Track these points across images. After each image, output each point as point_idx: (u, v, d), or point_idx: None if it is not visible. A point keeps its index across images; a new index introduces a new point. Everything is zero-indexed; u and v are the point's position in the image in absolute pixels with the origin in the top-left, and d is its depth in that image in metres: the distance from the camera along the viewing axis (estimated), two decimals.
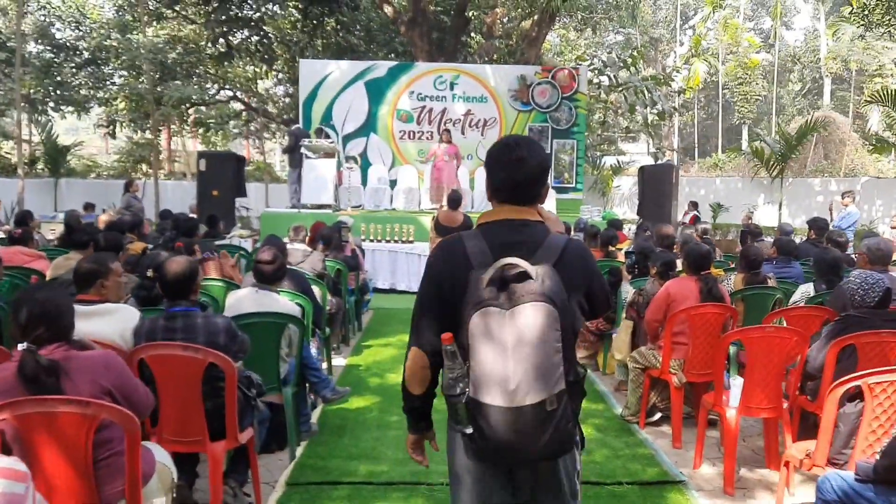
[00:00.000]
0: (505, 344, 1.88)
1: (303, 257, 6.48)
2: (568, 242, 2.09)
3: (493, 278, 1.91)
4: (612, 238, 7.70)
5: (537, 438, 1.92)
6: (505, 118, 15.57)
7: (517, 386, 1.87)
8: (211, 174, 12.30)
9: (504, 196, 2.13)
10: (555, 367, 1.90)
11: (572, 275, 2.02)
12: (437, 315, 2.08)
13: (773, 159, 17.32)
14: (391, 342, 7.72)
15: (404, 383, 2.20)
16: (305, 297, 4.97)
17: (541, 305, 1.89)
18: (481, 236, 2.08)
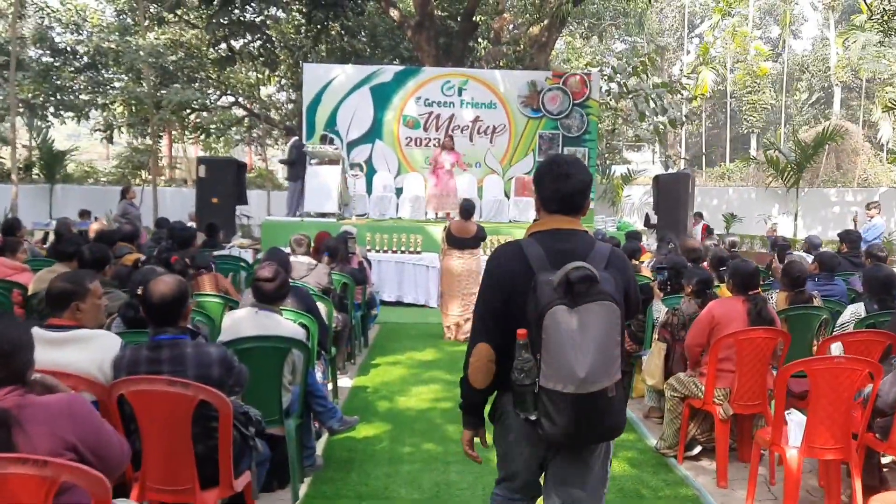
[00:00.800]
0: (575, 338, 2.12)
1: (307, 271, 6.03)
2: (612, 250, 2.38)
3: (562, 280, 2.15)
4: (634, 251, 7.24)
5: (601, 422, 2.20)
6: (514, 125, 15.13)
7: (586, 375, 2.11)
8: (210, 181, 11.85)
9: (554, 207, 2.40)
10: (616, 359, 2.18)
11: (619, 279, 2.29)
12: (500, 313, 2.32)
13: (788, 169, 16.87)
14: (400, 360, 7.25)
15: (466, 379, 2.39)
16: (310, 317, 4.52)
17: (607, 304, 2.16)
18: (537, 244, 2.34)
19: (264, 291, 3.77)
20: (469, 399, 2.44)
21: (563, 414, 2.15)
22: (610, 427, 2.26)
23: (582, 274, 2.13)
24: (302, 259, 6.11)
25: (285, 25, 23.40)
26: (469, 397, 2.44)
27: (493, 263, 2.42)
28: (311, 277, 6.01)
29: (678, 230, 12.56)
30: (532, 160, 15.15)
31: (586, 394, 2.13)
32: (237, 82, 22.71)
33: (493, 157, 15.02)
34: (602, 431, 2.27)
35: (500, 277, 2.36)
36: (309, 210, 12.63)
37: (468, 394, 2.42)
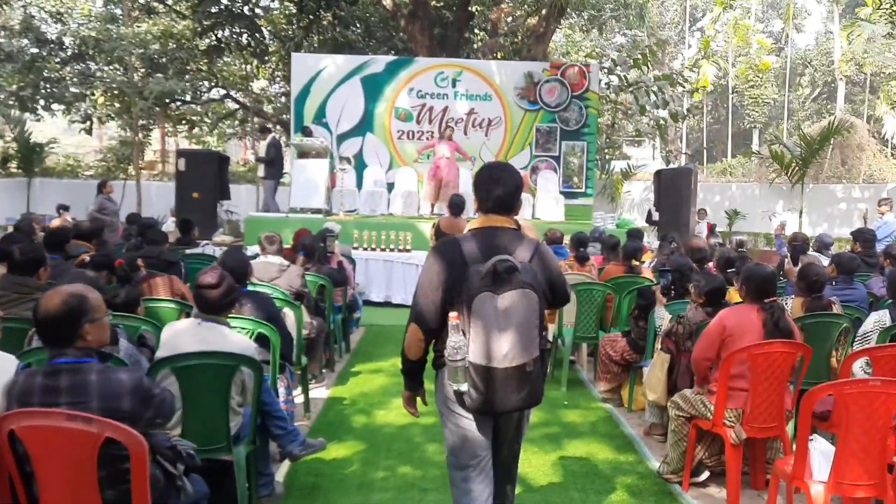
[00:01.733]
0: (499, 320, 2.47)
1: (278, 273, 5.52)
2: (538, 246, 2.72)
3: (489, 270, 2.48)
4: (636, 251, 6.74)
5: (518, 392, 2.53)
6: (510, 118, 14.60)
7: (507, 352, 2.47)
8: (191, 174, 11.34)
9: (489, 207, 2.74)
10: (534, 338, 2.53)
11: (542, 270, 2.66)
12: (434, 300, 2.63)
13: (793, 164, 16.32)
14: (383, 367, 6.75)
15: (403, 351, 2.79)
16: (270, 327, 4.01)
17: (527, 292, 2.51)
18: (472, 239, 2.67)
19: (207, 300, 3.26)
20: (407, 367, 2.85)
21: (487, 385, 2.51)
22: (528, 397, 2.59)
23: (506, 265, 2.49)
24: (272, 259, 5.60)
25: (276, 15, 22.86)
26: (407, 365, 2.84)
27: (433, 255, 2.73)
28: (283, 280, 5.51)
29: (680, 227, 12.07)
30: (529, 154, 14.64)
31: (507, 368, 2.49)
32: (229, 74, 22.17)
33: (489, 151, 14.50)
34: (521, 401, 2.59)
35: (439, 268, 2.66)
36: (295, 205, 12.12)
37: (406, 363, 2.83)
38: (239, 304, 4.03)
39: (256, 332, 3.98)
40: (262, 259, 5.62)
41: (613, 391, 5.76)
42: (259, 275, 5.51)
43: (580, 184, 14.85)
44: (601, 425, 5.23)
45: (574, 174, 14.81)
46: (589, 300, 6.14)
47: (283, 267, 5.56)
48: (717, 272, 6.07)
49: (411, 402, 2.96)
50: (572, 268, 6.73)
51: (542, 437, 4.96)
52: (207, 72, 23.21)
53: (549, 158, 14.67)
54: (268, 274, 5.51)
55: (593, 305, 6.16)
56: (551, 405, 5.66)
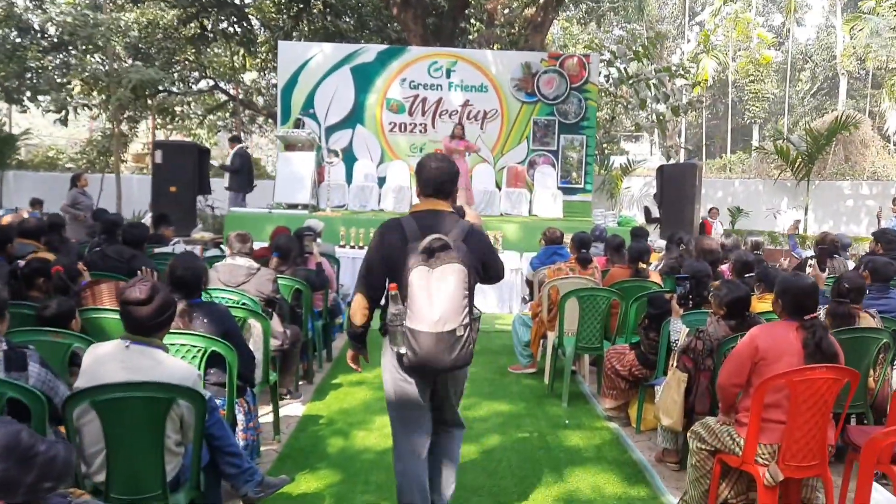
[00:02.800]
0: (432, 291, 2.83)
1: (246, 276, 4.94)
2: (470, 227, 3.07)
3: (424, 247, 2.85)
4: (642, 252, 6.17)
5: (449, 354, 2.88)
6: (507, 110, 14.02)
7: (439, 318, 2.83)
8: (168, 167, 10.72)
9: (428, 192, 3.13)
10: (463, 307, 2.88)
11: (474, 249, 3.02)
12: (378, 272, 3.04)
13: (798, 160, 15.81)
14: (366, 378, 6.15)
15: (349, 318, 3.18)
16: (226, 344, 3.43)
17: (457, 266, 2.87)
18: (413, 220, 3.03)
19: (136, 318, 2.67)
20: (353, 331, 3.19)
21: (421, 347, 2.82)
22: (459, 358, 2.89)
23: (439, 244, 2.82)
24: (240, 262, 5.01)
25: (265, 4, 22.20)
26: (353, 329, 3.18)
27: (378, 234, 3.06)
28: (252, 285, 4.92)
29: (684, 226, 11.52)
30: (526, 148, 14.07)
31: (439, 332, 2.80)
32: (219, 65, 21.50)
33: (484, 144, 13.92)
34: (452, 361, 2.88)
35: (382, 244, 3.00)
36: (280, 200, 11.54)
37: (352, 327, 3.17)
38: (189, 318, 3.46)
39: (209, 350, 3.40)
40: (229, 261, 5.04)
41: (620, 409, 5.19)
42: (225, 279, 4.94)
43: (579, 179, 14.28)
44: (608, 449, 4.66)
45: (573, 169, 14.24)
46: (592, 307, 5.58)
47: (252, 270, 4.97)
48: (733, 277, 5.52)
49: (355, 360, 3.34)
50: (574, 271, 6.16)
51: (543, 463, 4.39)
52: (195, 62, 22.60)
53: (547, 152, 14.11)
54: (235, 278, 4.93)
55: (597, 313, 5.59)
56: (552, 424, 5.10)
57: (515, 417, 5.29)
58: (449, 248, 2.86)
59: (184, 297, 3.48)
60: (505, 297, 9.80)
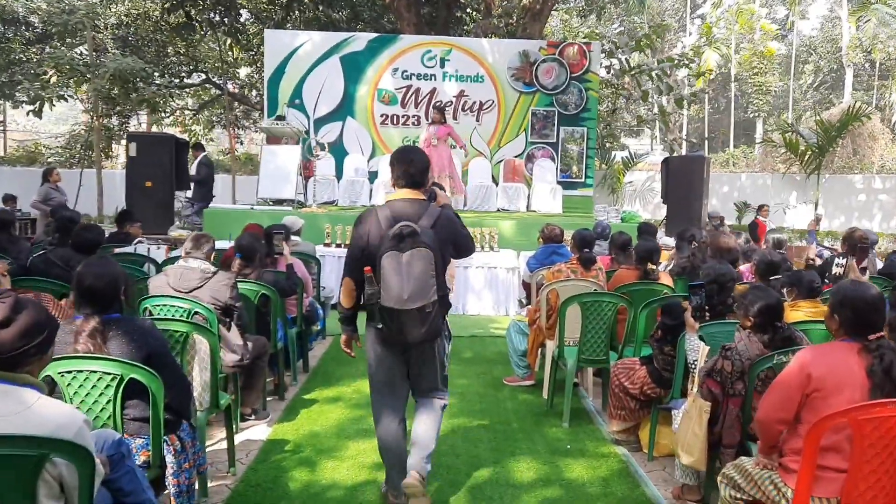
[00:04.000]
0: (402, 273, 3.14)
1: (200, 281, 4.28)
2: (440, 214, 3.35)
3: (395, 234, 3.16)
4: (652, 252, 5.51)
5: (420, 328, 3.22)
6: (504, 101, 13.37)
7: (409, 297, 3.14)
8: (143, 161, 10.06)
9: (402, 183, 3.41)
10: (430, 287, 3.19)
11: (443, 233, 3.33)
12: (359, 257, 3.32)
13: (808, 152, 15.14)
14: (344, 394, 5.53)
15: (339, 301, 3.50)
16: (146, 370, 2.78)
17: (424, 251, 3.16)
18: (387, 209, 3.32)
19: None
20: (343, 314, 3.51)
21: (395, 322, 3.21)
22: (428, 332, 3.27)
23: (409, 230, 3.15)
24: (193, 264, 4.35)
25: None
26: (343, 313, 3.50)
27: (356, 222, 3.44)
28: (206, 291, 4.27)
29: (692, 221, 10.87)
30: (524, 141, 13.42)
31: (409, 309, 3.16)
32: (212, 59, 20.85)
33: (480, 137, 13.29)
34: (423, 335, 3.26)
35: (359, 232, 3.38)
36: (264, 196, 10.89)
37: (342, 310, 3.51)
38: (102, 339, 2.80)
39: (127, 378, 2.75)
40: (181, 264, 4.38)
41: (629, 431, 4.53)
42: (175, 284, 4.29)
43: (579, 173, 13.64)
44: (616, 483, 4.00)
45: (573, 162, 13.60)
46: (597, 315, 4.92)
47: (206, 274, 4.32)
48: (757, 280, 4.87)
49: (348, 344, 3.57)
50: (576, 272, 5.50)
51: (540, 501, 3.74)
52: (186, 55, 21.93)
53: (546, 145, 13.47)
54: (186, 283, 4.27)
55: (602, 321, 4.94)
56: (551, 450, 4.45)
57: (510, 440, 4.64)
58: (417, 234, 3.16)
59: (96, 313, 2.82)
60: (501, 299, 9.15)
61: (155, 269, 6.08)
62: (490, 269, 9.13)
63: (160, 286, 4.33)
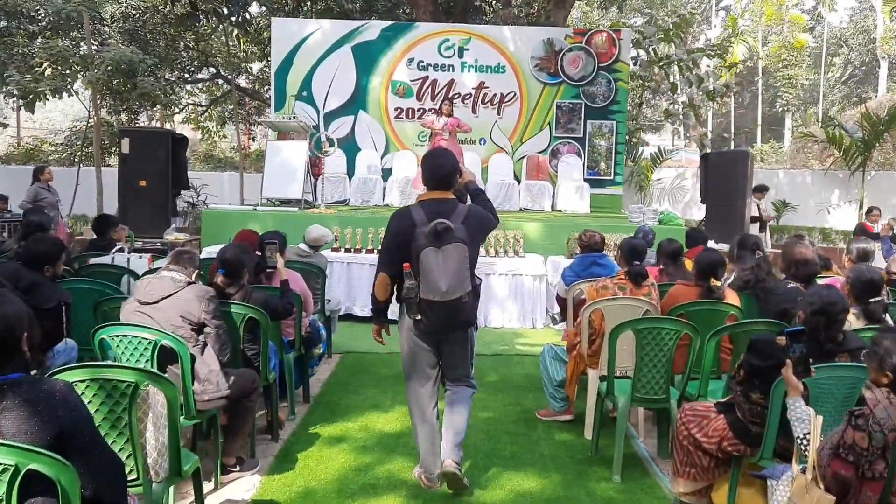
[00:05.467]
0: (441, 267, 3.33)
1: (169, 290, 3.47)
2: (468, 210, 3.61)
3: (431, 231, 3.35)
4: (716, 265, 4.60)
5: (457, 317, 3.46)
6: (527, 92, 12.48)
7: (447, 289, 3.33)
8: (137, 159, 9.28)
9: (432, 185, 3.65)
10: (466, 279, 3.40)
11: (473, 227, 3.56)
12: (394, 253, 3.54)
13: (853, 148, 14.15)
14: (349, 432, 4.68)
15: (373, 294, 3.67)
16: (54, 459, 1.93)
17: (459, 245, 3.37)
18: (420, 208, 3.57)
19: None
20: (376, 306, 3.72)
21: (434, 313, 3.40)
22: (464, 321, 3.53)
23: (444, 227, 3.34)
24: (165, 274, 3.54)
25: None
26: (376, 305, 3.72)
27: (391, 221, 3.66)
28: (174, 302, 3.47)
29: (734, 222, 9.98)
30: (549, 135, 12.53)
31: (448, 300, 3.35)
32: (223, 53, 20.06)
33: (501, 131, 12.41)
34: (459, 323, 3.53)
35: (395, 230, 3.60)
36: (268, 196, 10.09)
37: (375, 302, 3.70)
38: None
39: (25, 469, 1.91)
40: (154, 275, 3.57)
41: (700, 493, 3.63)
42: (141, 296, 3.50)
43: (608, 170, 12.73)
44: None
45: (601, 158, 12.70)
46: (655, 345, 4.04)
47: (178, 283, 3.50)
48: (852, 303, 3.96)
49: (379, 333, 3.81)
50: (624, 289, 4.62)
51: None
52: (196, 49, 21.19)
53: (572, 140, 12.57)
54: (152, 293, 3.48)
55: (661, 353, 4.05)
56: None
57: (547, 499, 3.79)
58: (451, 230, 3.36)
59: None
60: (527, 310, 8.26)
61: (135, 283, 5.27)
62: (515, 277, 8.25)
63: (128, 311, 3.54)
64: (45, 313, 3.90)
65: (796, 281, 4.68)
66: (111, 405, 2.59)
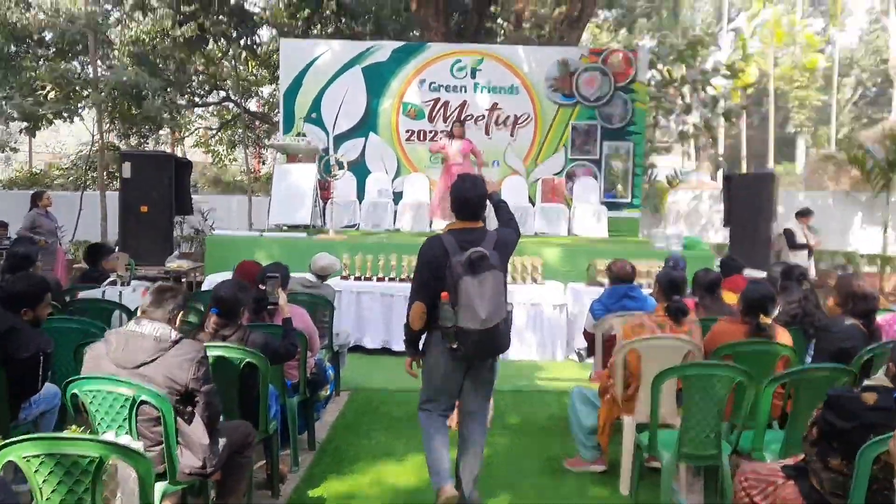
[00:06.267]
0: (479, 295, 3.36)
1: (153, 353, 3.04)
2: (497, 236, 3.63)
3: (467, 259, 3.38)
4: (766, 301, 4.16)
5: (494, 344, 3.52)
6: (541, 114, 12.09)
7: (486, 316, 3.37)
8: (139, 183, 8.90)
9: (461, 215, 3.66)
10: (503, 305, 3.50)
11: (503, 253, 3.62)
12: (427, 283, 3.54)
13: (877, 169, 13.72)
14: (360, 486, 4.24)
15: (408, 325, 3.65)
16: None
17: (495, 272, 3.44)
18: (451, 237, 3.58)
19: None
20: (409, 337, 3.71)
21: (472, 341, 3.40)
22: (500, 346, 3.59)
23: (479, 255, 3.39)
24: (145, 328, 3.10)
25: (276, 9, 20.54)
26: (409, 335, 3.70)
27: (423, 250, 3.65)
28: (159, 368, 3.02)
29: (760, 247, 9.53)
30: (564, 157, 12.13)
31: (487, 328, 3.38)
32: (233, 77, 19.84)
33: (515, 153, 12.02)
34: (496, 349, 3.59)
35: (428, 259, 3.58)
36: (276, 221, 9.70)
37: (409, 333, 3.69)
38: None
39: None
40: (129, 329, 3.13)
41: None
42: (118, 358, 3.06)
43: (625, 192, 12.29)
44: None
45: (618, 181, 12.27)
46: (706, 394, 3.59)
47: (162, 344, 3.07)
48: None
49: (411, 365, 3.78)
50: (663, 327, 4.18)
51: None
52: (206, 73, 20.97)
53: (589, 162, 12.16)
54: (132, 356, 3.03)
55: (712, 403, 3.60)
56: None
57: None
58: (487, 257, 3.42)
59: None
60: (546, 342, 7.81)
61: (127, 320, 4.86)
62: (534, 307, 7.80)
63: (96, 358, 3.09)
64: (21, 363, 3.49)
65: (854, 317, 4.25)
66: (70, 485, 2.16)
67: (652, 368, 3.98)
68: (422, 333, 3.66)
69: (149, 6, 18.85)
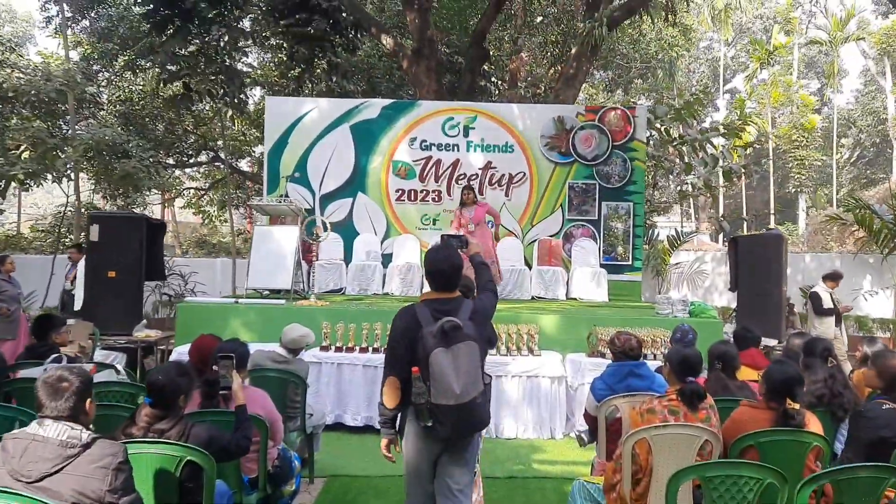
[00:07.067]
0: (452, 368, 3.18)
1: (58, 461, 2.46)
2: (473, 307, 3.46)
3: (439, 330, 3.21)
4: (793, 384, 3.59)
5: (473, 420, 3.30)
6: (537, 173, 11.67)
7: (461, 390, 3.17)
8: (108, 247, 8.37)
9: (435, 286, 3.50)
10: (479, 377, 3.30)
11: (479, 322, 3.45)
12: (401, 356, 3.34)
13: (885, 231, 13.24)
14: None
15: (382, 402, 3.41)
16: None
17: (470, 343, 3.26)
18: (425, 307, 3.38)
19: None
20: (385, 415, 3.45)
21: (448, 418, 3.19)
22: (479, 422, 3.38)
23: (452, 325, 3.21)
24: (49, 431, 2.52)
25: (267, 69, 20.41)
26: (385, 414, 3.44)
27: (395, 321, 3.46)
28: (65, 480, 2.44)
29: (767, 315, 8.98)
30: (561, 218, 11.66)
31: (462, 403, 3.17)
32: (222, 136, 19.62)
33: (510, 214, 11.55)
34: (474, 426, 3.37)
35: (401, 330, 3.38)
36: (255, 286, 9.15)
37: (384, 412, 3.43)
38: None
39: None
40: (32, 431, 2.56)
41: None
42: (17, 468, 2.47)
43: (626, 254, 11.79)
44: None
45: (618, 242, 11.78)
46: (731, 498, 3.00)
47: (70, 450, 2.49)
48: None
49: (388, 448, 3.51)
50: (676, 414, 3.60)
51: None
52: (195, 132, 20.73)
53: (587, 223, 11.69)
54: (32, 467, 2.45)
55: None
56: None
57: None
58: (460, 327, 3.23)
59: None
60: (544, 417, 7.17)
61: None
62: (530, 379, 7.18)
63: None
64: None
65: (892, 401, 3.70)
66: None
67: (664, 462, 3.43)
68: (398, 411, 3.42)
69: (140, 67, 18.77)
